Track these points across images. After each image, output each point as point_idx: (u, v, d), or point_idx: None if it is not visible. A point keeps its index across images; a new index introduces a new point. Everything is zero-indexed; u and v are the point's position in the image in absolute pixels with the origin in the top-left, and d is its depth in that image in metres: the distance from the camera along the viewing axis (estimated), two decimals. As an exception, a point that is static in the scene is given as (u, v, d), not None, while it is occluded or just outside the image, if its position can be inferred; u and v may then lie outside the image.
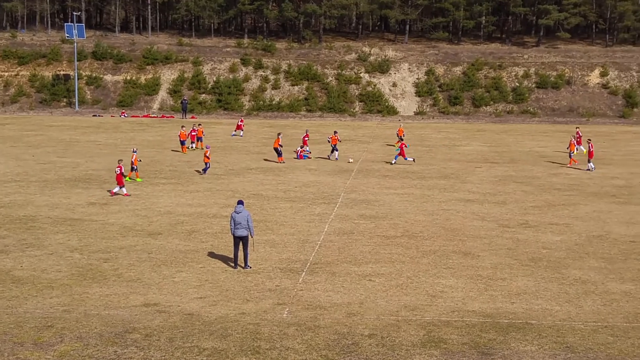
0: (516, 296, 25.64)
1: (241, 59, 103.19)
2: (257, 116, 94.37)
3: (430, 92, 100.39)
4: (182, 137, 60.23)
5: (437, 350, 20.71)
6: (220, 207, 39.22)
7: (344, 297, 25.18)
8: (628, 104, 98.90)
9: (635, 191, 46.05)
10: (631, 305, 24.95)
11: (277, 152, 55.36)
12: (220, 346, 20.66)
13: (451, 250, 31.42)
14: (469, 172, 52.54)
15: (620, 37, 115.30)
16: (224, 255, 29.91)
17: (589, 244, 32.93)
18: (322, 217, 37.39)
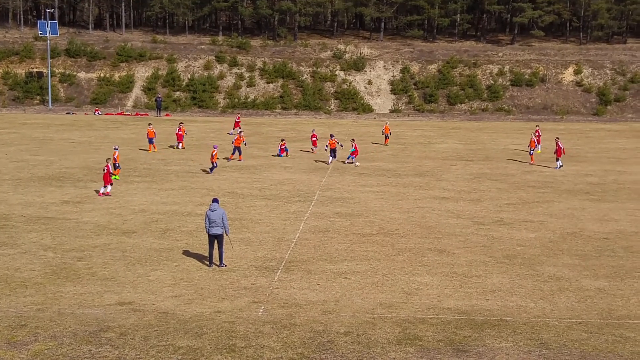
0: (491, 293, 25.72)
1: (216, 57, 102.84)
2: (232, 114, 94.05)
3: (405, 90, 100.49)
4: (149, 135, 59.22)
5: (412, 347, 20.73)
6: (195, 205, 39.08)
7: (319, 295, 25.16)
8: (602, 102, 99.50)
9: (608, 188, 46.33)
10: (605, 301, 25.09)
11: (239, 150, 54.90)
12: (196, 345, 20.58)
13: (426, 248, 31.48)
14: (444, 169, 52.67)
15: (594, 35, 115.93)
16: (198, 253, 29.81)
17: (563, 241, 33.10)
18: (297, 215, 37.35)
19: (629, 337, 21.83)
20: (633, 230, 35.44)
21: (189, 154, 57.84)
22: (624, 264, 29.59)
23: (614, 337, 21.77)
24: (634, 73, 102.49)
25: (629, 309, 24.33)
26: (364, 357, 19.98)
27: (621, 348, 21.00)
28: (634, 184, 47.79)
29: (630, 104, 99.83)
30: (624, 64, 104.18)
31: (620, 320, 23.23)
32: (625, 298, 25.47)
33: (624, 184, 47.81)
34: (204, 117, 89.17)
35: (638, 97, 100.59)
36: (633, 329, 22.45)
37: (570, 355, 20.46)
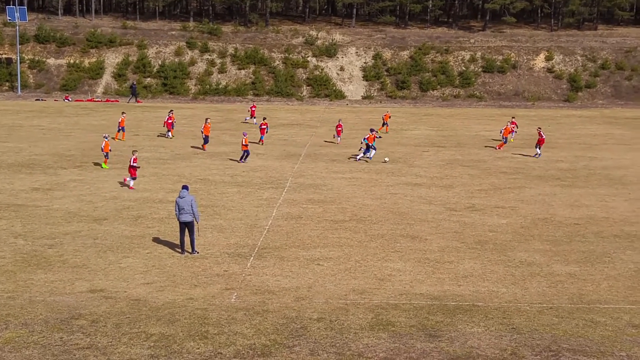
0: (463, 279, 25.83)
1: (187, 43, 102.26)
2: (204, 100, 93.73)
3: (377, 77, 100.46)
4: (121, 124, 58.18)
5: (385, 333, 20.78)
6: (167, 192, 38.90)
7: (292, 281, 25.15)
8: (573, 88, 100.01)
9: (579, 174, 46.64)
10: (576, 286, 25.28)
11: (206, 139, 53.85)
12: (168, 332, 20.51)
13: (399, 234, 31.54)
14: (417, 156, 52.78)
15: (565, 22, 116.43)
16: (170, 240, 29.69)
17: (534, 227, 33.29)
18: (270, 202, 37.29)
19: (599, 321, 22.00)
20: (603, 215, 35.70)
21: (160, 141, 57.54)
22: (595, 249, 29.81)
23: (585, 322, 21.93)
24: (605, 59, 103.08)
25: (599, 294, 24.52)
26: (337, 343, 20.00)
27: (591, 332, 21.16)
28: (604, 170, 48.15)
29: (601, 90, 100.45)
30: (595, 50, 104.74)
31: (591, 305, 23.40)
32: (596, 283, 25.67)
33: (595, 170, 48.14)
34: (175, 104, 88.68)
35: (609, 83, 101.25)
36: (603, 314, 22.63)
37: (541, 339, 20.59)
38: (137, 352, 19.24)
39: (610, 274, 26.75)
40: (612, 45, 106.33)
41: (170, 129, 60.40)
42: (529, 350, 19.86)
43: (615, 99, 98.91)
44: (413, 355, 19.43)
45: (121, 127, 57.87)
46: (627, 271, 27.08)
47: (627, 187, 42.73)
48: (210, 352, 19.33)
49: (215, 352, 19.37)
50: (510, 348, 19.99)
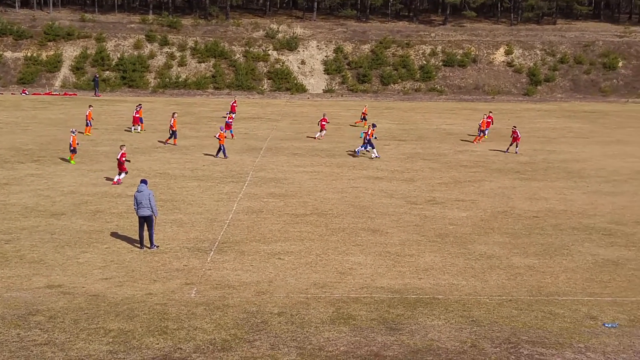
0: (424, 272, 25.89)
1: (146, 36, 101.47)
2: (163, 94, 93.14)
3: (338, 70, 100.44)
4: (88, 118, 57.63)
5: (346, 326, 20.76)
6: (126, 187, 38.58)
7: (253, 275, 25.06)
8: (532, 82, 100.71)
9: (538, 167, 46.97)
10: (534, 278, 25.45)
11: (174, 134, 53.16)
12: (127, 327, 20.34)
13: (360, 228, 31.55)
14: (378, 149, 52.80)
15: (525, 16, 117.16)
16: (129, 235, 29.44)
17: (494, 220, 33.47)
18: (230, 196, 37.13)
19: (557, 313, 22.16)
20: (562, 208, 35.99)
21: (119, 135, 57.06)
22: (553, 242, 30.04)
23: (543, 314, 22.08)
24: (564, 53, 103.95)
25: (557, 286, 24.70)
26: (298, 337, 19.95)
27: (550, 324, 21.31)
28: (562, 163, 48.54)
29: (560, 84, 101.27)
30: (554, 44, 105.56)
31: (549, 297, 23.57)
32: (554, 275, 25.86)
33: (553, 163, 48.52)
34: (134, 97, 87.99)
35: (567, 77, 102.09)
36: (562, 306, 22.80)
37: (501, 331, 20.70)
38: (96, 347, 19.05)
39: (569, 266, 26.96)
40: (570, 40, 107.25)
41: (139, 123, 59.64)
42: (488, 343, 19.95)
43: (574, 93, 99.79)
44: (374, 349, 19.43)
45: (88, 121, 57.18)
46: (585, 263, 27.31)
47: (585, 180, 43.12)
48: (170, 348, 19.19)
49: (174, 347, 19.23)
50: (470, 340, 20.07)
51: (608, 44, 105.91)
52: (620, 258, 28.03)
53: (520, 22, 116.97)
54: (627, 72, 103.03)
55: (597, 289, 24.54)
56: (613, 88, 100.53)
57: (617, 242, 30.15)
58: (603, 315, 22.08)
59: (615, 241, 30.33)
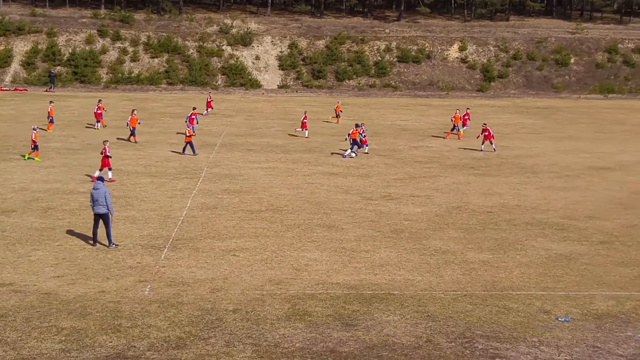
0: (379, 267, 25.91)
1: (98, 30, 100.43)
2: (116, 89, 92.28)
3: (293, 66, 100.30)
4: (50, 114, 56.64)
5: (301, 323, 20.70)
6: (78, 183, 38.15)
7: (207, 272, 24.89)
8: (485, 78, 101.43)
9: (492, 163, 47.29)
10: (489, 273, 25.59)
11: (133, 132, 52.35)
12: (80, 325, 20.09)
13: (315, 224, 31.51)
14: (333, 145, 52.83)
15: (478, 13, 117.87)
16: (82, 232, 29.11)
17: (449, 215, 33.61)
18: (184, 192, 36.87)
19: (512, 308, 22.30)
20: (515, 203, 36.25)
21: (70, 131, 56.41)
22: (507, 237, 30.23)
23: (498, 308, 22.20)
24: (517, 50, 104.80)
25: (511, 281, 24.86)
26: (253, 334, 19.84)
27: (504, 319, 21.43)
28: (516, 159, 48.92)
29: (513, 80, 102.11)
30: (507, 41, 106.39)
31: (504, 292, 23.70)
32: (509, 270, 26.01)
33: (507, 159, 48.88)
34: (85, 93, 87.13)
35: (520, 73, 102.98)
36: (516, 300, 22.94)
37: (456, 326, 20.77)
38: (48, 346, 18.79)
39: (522, 261, 27.15)
40: (523, 36, 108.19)
41: (100, 119, 58.82)
42: (443, 338, 20.00)
43: (527, 89, 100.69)
44: (330, 345, 19.38)
45: (50, 117, 56.29)
46: (539, 258, 27.52)
47: (538, 176, 43.48)
48: (124, 346, 18.98)
49: (128, 345, 19.03)
50: (425, 335, 20.10)
51: (560, 41, 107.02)
52: (573, 253, 28.30)
53: (474, 18, 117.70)
54: (579, 69, 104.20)
55: (550, 283, 24.74)
56: (565, 84, 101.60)
57: (570, 237, 30.43)
58: (556, 310, 22.26)
59: (568, 236, 30.61)
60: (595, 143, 56.93)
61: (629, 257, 27.98)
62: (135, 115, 52.42)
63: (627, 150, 53.73)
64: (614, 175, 44.11)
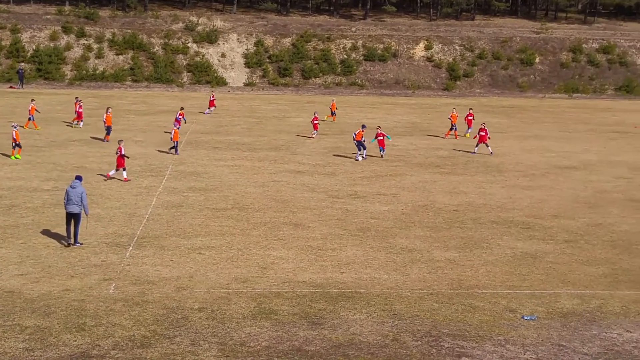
0: (346, 266, 25.88)
1: (62, 27, 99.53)
2: (80, 86, 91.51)
3: (259, 63, 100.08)
4: (31, 112, 55.81)
5: (267, 321, 20.62)
6: (42, 181, 37.78)
7: (173, 271, 24.73)
8: (451, 77, 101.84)
9: (457, 162, 47.45)
10: (455, 272, 25.65)
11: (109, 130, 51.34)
12: (44, 324, 19.88)
13: (282, 222, 31.43)
14: (299, 143, 52.77)
15: (444, 12, 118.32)
16: (46, 230, 28.82)
17: (415, 214, 33.67)
18: (149, 190, 36.63)
19: (477, 306, 22.36)
20: (481, 202, 36.40)
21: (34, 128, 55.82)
22: (473, 235, 30.34)
23: (464, 307, 22.26)
24: (482, 49, 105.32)
25: (477, 279, 24.94)
26: (219, 333, 19.74)
27: (470, 317, 21.49)
28: (481, 157, 49.11)
29: (479, 79, 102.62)
30: (472, 40, 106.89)
31: (470, 290, 23.77)
32: (474, 268, 26.10)
33: (473, 158, 49.06)
34: (50, 90, 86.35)
35: (486, 72, 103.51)
36: (482, 299, 23.01)
37: (422, 325, 20.79)
38: (12, 345, 18.57)
39: (488, 259, 27.25)
40: (489, 35, 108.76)
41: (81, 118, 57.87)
42: (410, 336, 20.01)
43: (492, 88, 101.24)
44: (296, 344, 19.32)
45: (31, 115, 55.45)
46: (504, 256, 27.64)
47: (503, 174, 43.70)
48: (88, 345, 18.80)
49: (93, 344, 18.85)
50: (391, 334, 20.10)
51: (525, 40, 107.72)
52: (538, 251, 28.45)
53: (440, 17, 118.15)
54: (543, 68, 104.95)
55: (516, 282, 24.85)
56: (530, 83, 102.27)
57: (535, 236, 30.61)
58: (522, 308, 22.36)
59: (533, 234, 30.78)
60: (560, 142, 57.34)
61: (594, 255, 28.19)
62: (110, 114, 51.46)
63: (591, 149, 54.17)
64: (579, 174, 44.45)
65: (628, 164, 48.03)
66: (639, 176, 44.19)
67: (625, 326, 21.37)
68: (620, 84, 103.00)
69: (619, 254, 28.56)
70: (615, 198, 38.21)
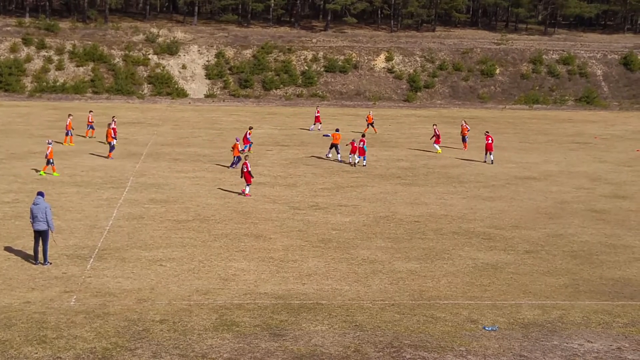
0: (307, 277, 25.94)
1: (22, 39, 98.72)
2: (41, 98, 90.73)
3: (220, 75, 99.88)
4: (68, 127, 54.33)
5: (229, 333, 20.62)
6: (2, 193, 37.45)
7: (134, 283, 24.64)
8: (412, 88, 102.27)
9: (418, 173, 47.69)
10: (416, 283, 25.80)
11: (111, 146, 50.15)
12: (4, 336, 19.77)
13: (243, 233, 31.42)
14: (260, 155, 52.74)
15: (404, 23, 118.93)
16: (6, 243, 28.57)
17: (376, 225, 33.80)
18: (110, 202, 36.44)
19: (439, 317, 22.51)
20: (442, 213, 36.62)
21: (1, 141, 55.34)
22: (434, 246, 30.52)
23: (425, 318, 22.40)
24: (442, 60, 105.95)
25: (439, 290, 25.10)
26: (180, 345, 19.70)
27: (432, 328, 21.63)
28: (443, 169, 49.42)
29: (439, 91, 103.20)
30: (433, 51, 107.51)
31: (431, 301, 23.92)
32: (436, 279, 26.27)
33: (434, 169, 49.35)
34: (10, 102, 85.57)
35: (446, 83, 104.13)
36: (443, 309, 23.16)
37: (384, 336, 20.89)
38: (-31, 360, 18.40)
39: (450, 270, 27.44)
40: (449, 47, 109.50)
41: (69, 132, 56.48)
42: (371, 347, 20.09)
43: (453, 99, 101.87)
44: (257, 355, 19.33)
45: (68, 130, 54.83)
46: (465, 267, 27.85)
47: (464, 185, 43.99)
48: (49, 357, 18.70)
49: (54, 356, 18.75)
50: (353, 345, 20.18)
51: (486, 51, 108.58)
52: (499, 262, 28.69)
53: (400, 29, 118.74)
54: (504, 79, 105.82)
55: (477, 292, 25.04)
56: (491, 94, 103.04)
57: (496, 246, 30.86)
58: (483, 319, 22.54)
59: (494, 245, 31.03)
60: (520, 153, 57.84)
61: (555, 266, 28.47)
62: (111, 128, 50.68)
63: (551, 160, 54.68)
64: (539, 185, 44.86)
65: (588, 175, 48.57)
66: (599, 187, 44.70)
67: (587, 336, 21.62)
68: (580, 94, 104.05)
69: (580, 264, 28.88)
70: (575, 209, 38.61)
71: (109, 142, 50.25)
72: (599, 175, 48.54)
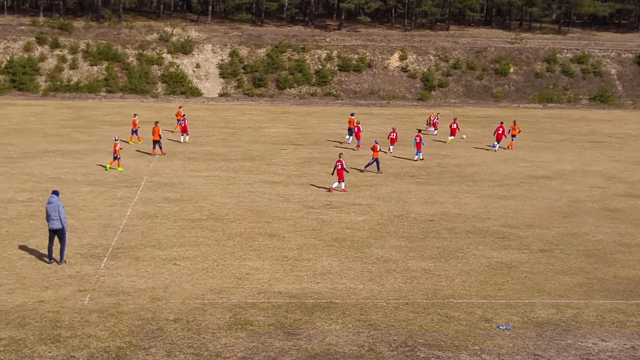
0: (321, 276, 25.90)
1: (37, 38, 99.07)
2: (55, 97, 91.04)
3: (234, 74, 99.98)
4: (134, 126, 55.27)
5: (243, 332, 20.60)
6: (16, 192, 37.53)
7: (148, 282, 24.65)
8: (426, 87, 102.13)
9: (432, 172, 47.59)
10: (430, 282, 25.72)
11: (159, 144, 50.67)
12: (18, 335, 19.78)
13: (257, 232, 31.40)
14: (274, 154, 52.74)
15: (418, 22, 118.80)
16: (20, 241, 28.62)
17: (390, 224, 33.73)
18: (124, 201, 36.49)
19: (453, 316, 22.43)
20: (456, 212, 36.52)
21: (9, 139, 55.48)
22: (448, 245, 30.43)
23: (439, 317, 22.33)
24: (456, 59, 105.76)
25: (453, 289, 25.02)
26: (194, 344, 19.69)
27: (446, 327, 21.56)
28: (456, 167, 49.30)
29: (453, 90, 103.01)
30: (447, 50, 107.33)
31: (445, 300, 23.85)
32: (450, 278, 26.18)
33: (448, 168, 49.23)
34: (24, 101, 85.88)
35: (460, 82, 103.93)
36: (457, 308, 23.09)
37: (398, 335, 20.83)
38: (-16, 358, 18.46)
39: (464, 269, 27.35)
40: (463, 46, 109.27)
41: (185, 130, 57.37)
42: (385, 346, 20.04)
43: (467, 98, 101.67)
44: (271, 354, 19.30)
45: (134, 130, 55.21)
46: (480, 266, 27.75)
47: (478, 184, 43.87)
48: (63, 356, 18.71)
49: (68, 355, 18.77)
50: (367, 344, 20.13)
51: (499, 50, 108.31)
52: (513, 261, 28.59)
53: (414, 28, 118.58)
54: (518, 78, 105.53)
55: (491, 291, 24.96)
56: (505, 93, 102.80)
57: (510, 245, 30.75)
58: (497, 318, 22.46)
59: (508, 244, 30.92)
60: (534, 152, 57.66)
61: (569, 265, 28.36)
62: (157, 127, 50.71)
63: (565, 159, 54.50)
64: (553, 184, 44.70)
65: (602, 174, 48.39)
66: (613, 185, 44.53)
67: (601, 335, 21.52)
68: (594, 93, 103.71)
69: (594, 263, 28.76)
70: (589, 207, 38.46)
71: (155, 140, 50.57)
72: (613, 174, 48.34)
